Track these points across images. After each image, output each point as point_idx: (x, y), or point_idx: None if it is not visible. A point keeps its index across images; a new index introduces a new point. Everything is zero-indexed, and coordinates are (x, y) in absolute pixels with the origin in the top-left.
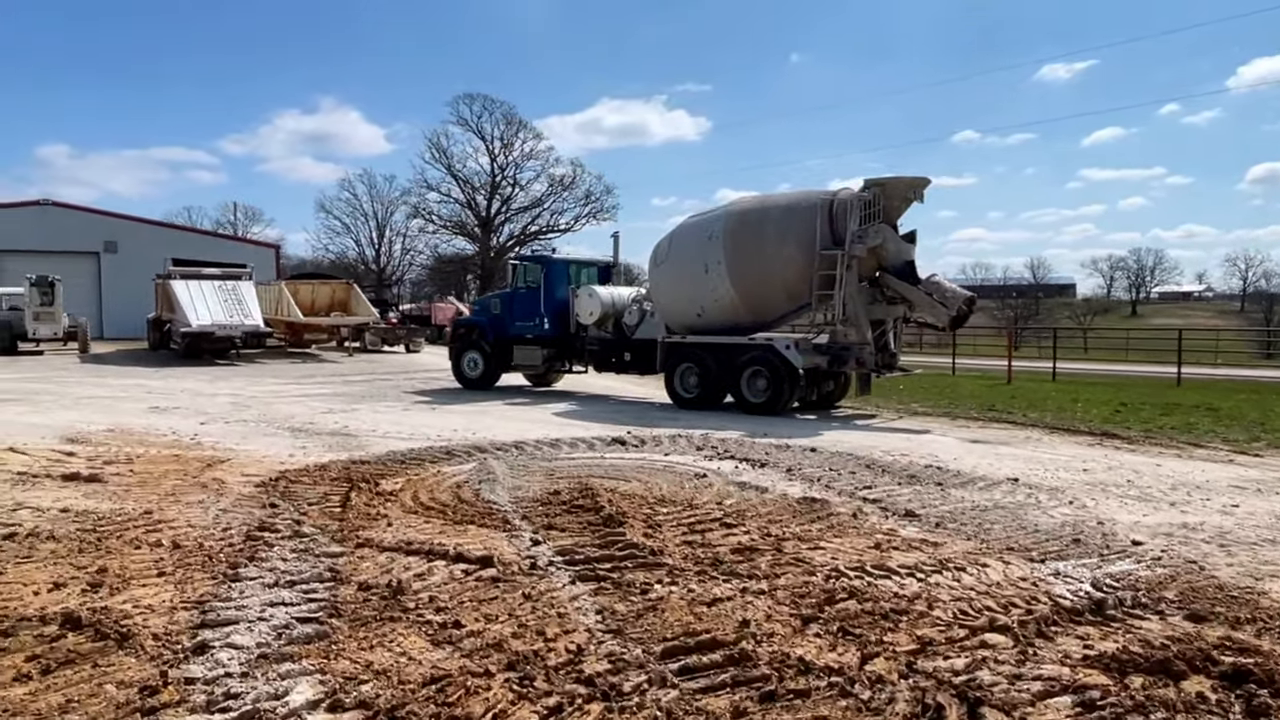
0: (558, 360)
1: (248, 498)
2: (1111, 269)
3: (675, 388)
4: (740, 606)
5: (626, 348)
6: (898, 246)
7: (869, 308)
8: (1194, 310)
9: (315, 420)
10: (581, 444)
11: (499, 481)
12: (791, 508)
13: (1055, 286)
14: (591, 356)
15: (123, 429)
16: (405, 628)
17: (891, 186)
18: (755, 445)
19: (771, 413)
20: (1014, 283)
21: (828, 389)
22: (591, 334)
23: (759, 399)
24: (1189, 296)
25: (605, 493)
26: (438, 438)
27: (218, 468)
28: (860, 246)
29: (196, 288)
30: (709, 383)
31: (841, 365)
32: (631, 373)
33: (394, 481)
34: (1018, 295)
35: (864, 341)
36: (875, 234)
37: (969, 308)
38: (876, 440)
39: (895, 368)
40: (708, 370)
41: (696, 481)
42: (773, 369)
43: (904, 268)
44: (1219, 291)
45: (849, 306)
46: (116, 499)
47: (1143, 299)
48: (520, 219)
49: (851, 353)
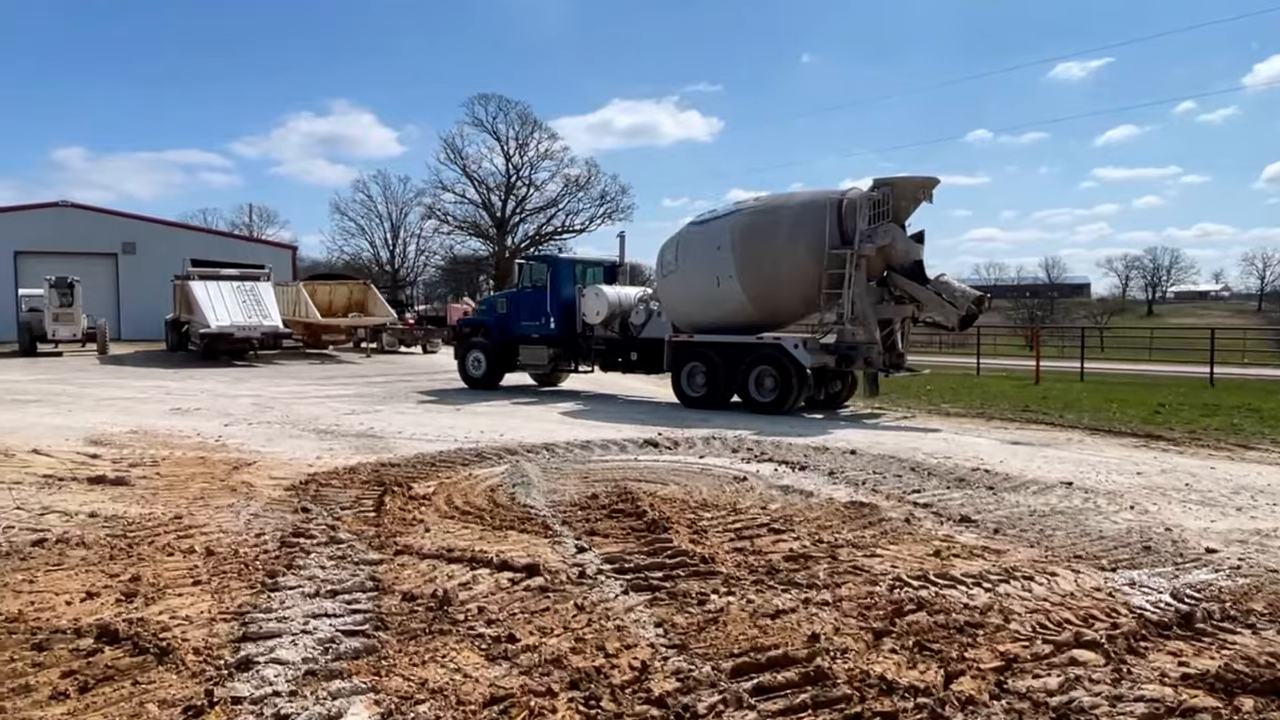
0: (564, 360)
1: (278, 502)
2: (1127, 268)
3: (682, 387)
4: (806, 619)
5: (633, 347)
6: (906, 246)
7: (877, 307)
8: (1211, 310)
9: (339, 422)
10: (613, 446)
11: (534, 485)
12: (840, 512)
13: (1070, 286)
14: (598, 356)
15: (146, 431)
16: (457, 641)
17: (901, 186)
18: (793, 447)
19: (778, 412)
20: (1028, 282)
21: (835, 389)
22: (598, 333)
23: (766, 398)
24: (1205, 296)
25: (645, 497)
26: (465, 439)
27: (245, 470)
28: (869, 246)
29: (215, 289)
30: (716, 382)
31: (849, 365)
32: (638, 372)
33: (426, 485)
34: (1031, 295)
35: (872, 341)
36: (884, 233)
37: (978, 307)
38: (898, 440)
39: (903, 367)
40: (715, 369)
41: (737, 485)
42: (780, 368)
43: (913, 267)
44: (1236, 291)
45: (857, 306)
46: (145, 503)
47: (1158, 298)
48: (535, 219)
49: (859, 352)
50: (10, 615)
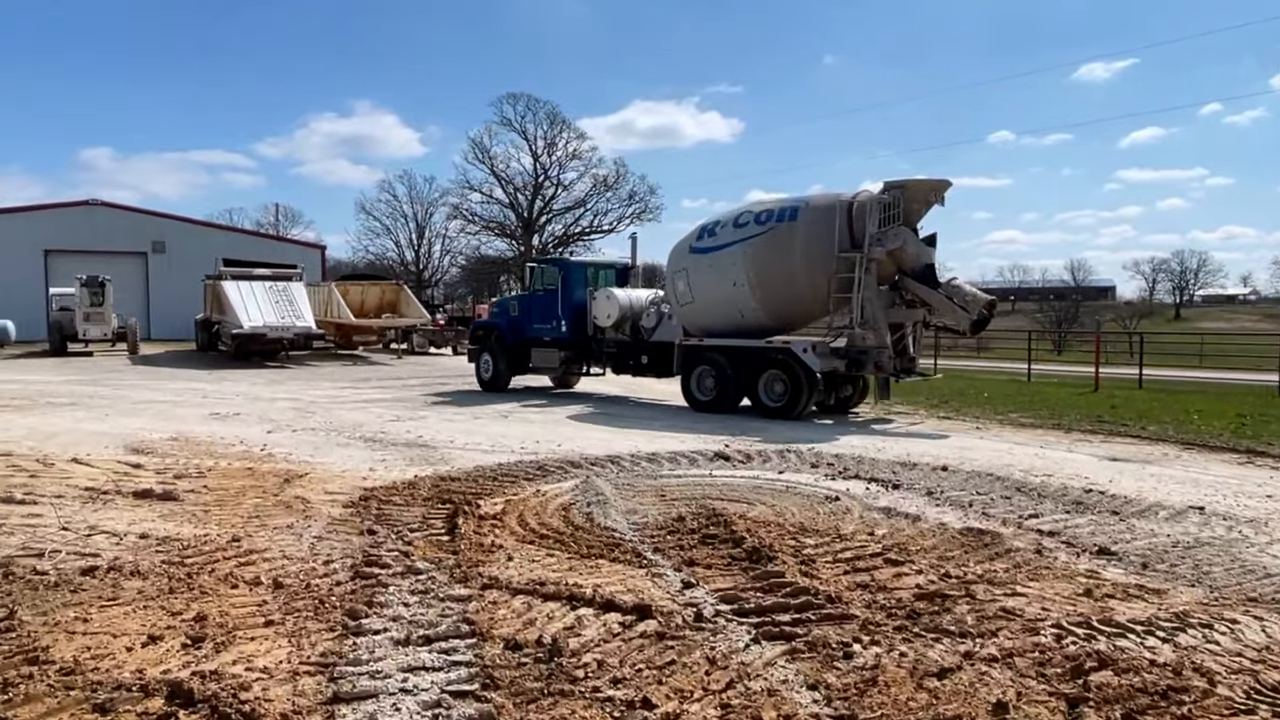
0: (575, 363)
1: (340, 521)
2: (1154, 271)
3: (691, 390)
4: (977, 679)
5: (644, 350)
6: (917, 249)
7: (888, 311)
8: (1239, 314)
9: (385, 429)
10: (682, 459)
11: (610, 504)
12: (958, 541)
13: (1095, 289)
14: (609, 359)
15: (187, 437)
16: (584, 708)
17: (912, 189)
18: (878, 463)
19: (788, 416)
20: (1053, 285)
21: (845, 393)
22: (609, 336)
23: (776, 403)
24: (1233, 300)
25: (739, 520)
26: (521, 450)
27: (296, 483)
28: (879, 249)
29: (248, 289)
30: (725, 386)
31: (860, 369)
32: (649, 375)
33: (493, 502)
34: (1056, 298)
35: (882, 345)
36: (894, 236)
37: (990, 311)
38: (986, 455)
39: (914, 372)
40: (724, 373)
41: (830, 506)
42: (790, 372)
43: (924, 271)
44: (1264, 295)
45: (867, 309)
46: (197, 521)
47: (1185, 302)
48: (563, 220)
49: (870, 356)
50: (66, 665)
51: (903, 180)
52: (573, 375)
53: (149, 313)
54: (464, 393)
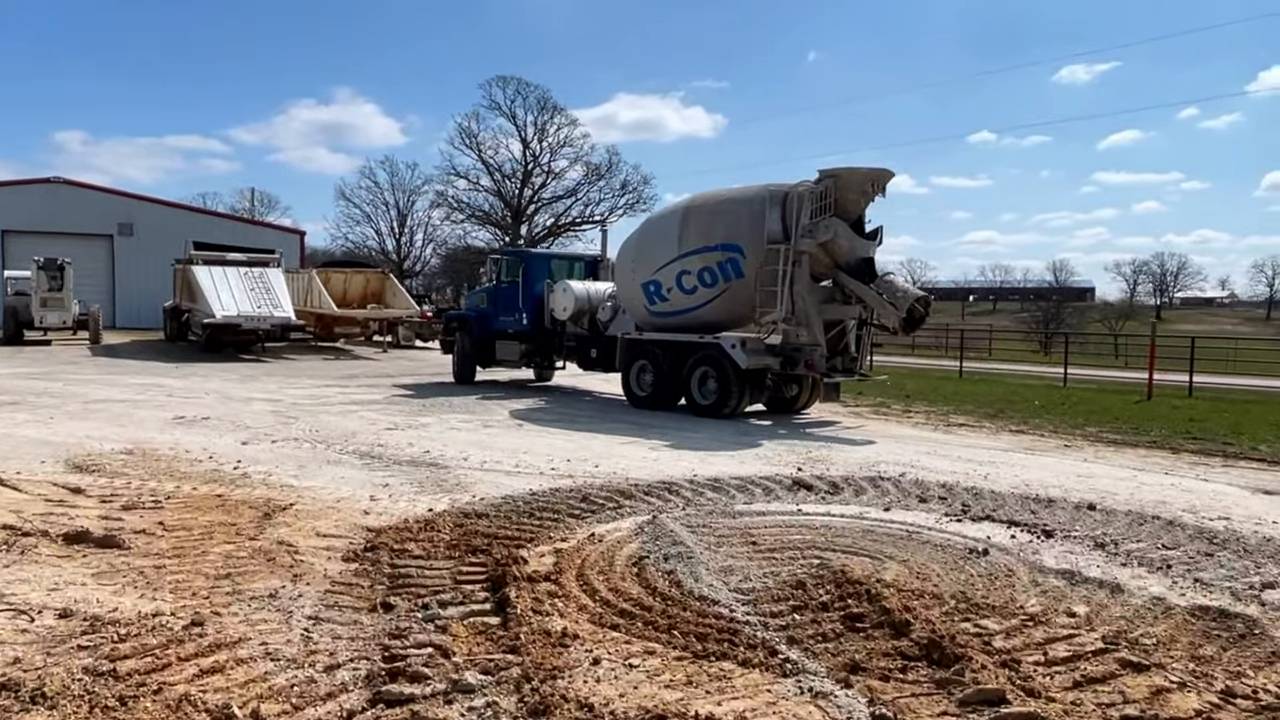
0: (536, 356)
1: (342, 584)
2: (1135, 273)
3: (631, 385)
4: None
5: (596, 344)
6: (851, 242)
7: (823, 307)
8: (1219, 316)
9: (382, 440)
10: (755, 487)
11: (697, 559)
12: (1197, 627)
13: (1074, 290)
14: (570, 353)
15: (144, 449)
16: None
17: (846, 178)
18: (1003, 499)
19: (717, 415)
20: (1034, 285)
21: (791, 393)
22: (569, 330)
23: (708, 400)
24: (1211, 302)
25: (882, 589)
26: (552, 471)
27: (280, 520)
28: (808, 241)
29: (221, 275)
30: (662, 381)
31: (792, 367)
32: (599, 369)
33: (539, 554)
34: (1037, 298)
35: (815, 343)
36: (825, 228)
37: (924, 309)
38: (1036, 474)
39: (855, 372)
40: (661, 369)
41: (983, 565)
42: (721, 369)
43: (859, 265)
44: (1242, 298)
45: (798, 305)
46: (145, 586)
47: (1164, 304)
48: (553, 209)
49: (803, 354)
50: None
51: (836, 169)
52: (547, 369)
53: (114, 299)
54: (465, 394)
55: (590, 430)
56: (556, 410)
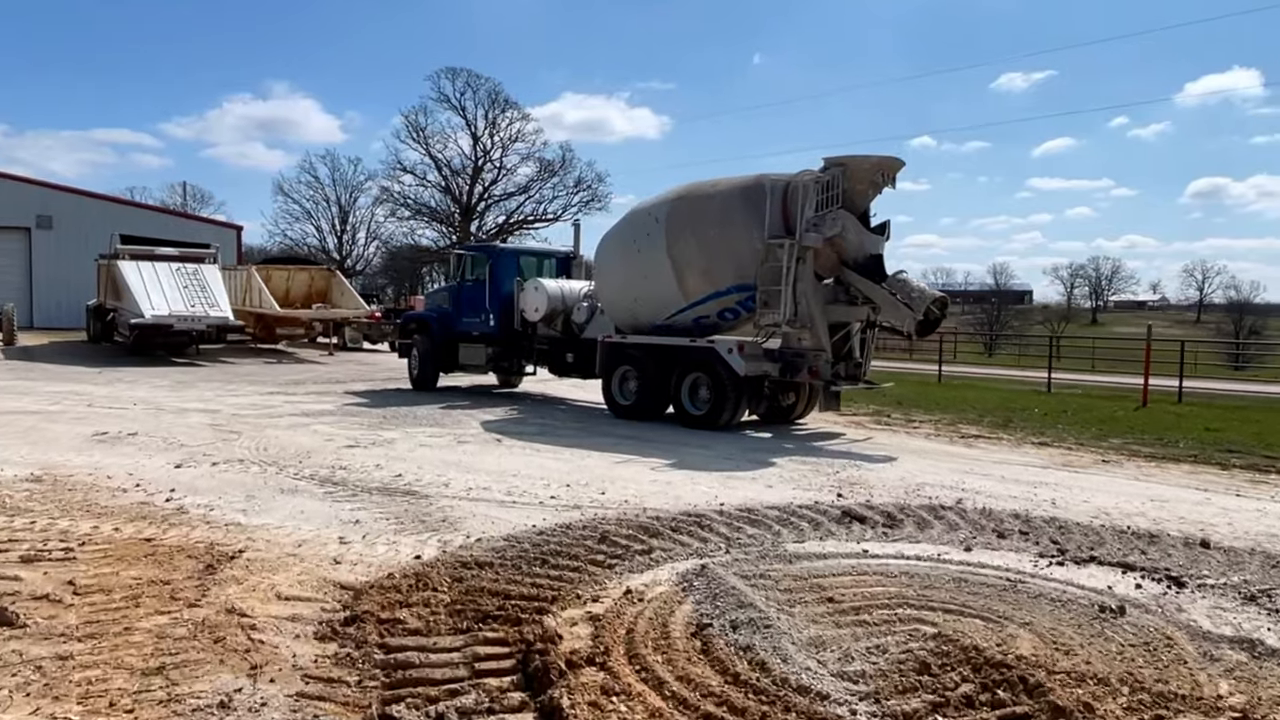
0: (504, 360)
1: (319, 685)
2: (1072, 276)
3: (612, 393)
4: None
5: (571, 348)
6: (860, 237)
7: (828, 308)
8: (1152, 319)
9: (344, 460)
10: (799, 520)
11: (774, 626)
12: None
13: (1013, 293)
14: (542, 357)
15: (56, 474)
16: None
17: (855, 167)
18: (1101, 537)
19: (711, 427)
20: (974, 289)
21: (788, 401)
22: (540, 332)
23: (700, 409)
24: (1143, 305)
25: (1037, 675)
26: (551, 499)
27: (227, 573)
28: (814, 236)
29: (150, 271)
30: (648, 389)
31: (793, 374)
32: (574, 375)
33: (569, 621)
34: (976, 300)
35: (819, 348)
36: (832, 222)
37: (940, 310)
38: (1103, 500)
39: (860, 380)
40: (647, 375)
41: (1129, 630)
42: (715, 376)
43: (868, 262)
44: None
45: (801, 306)
46: (39, 693)
47: (1099, 307)
48: (504, 206)
49: (805, 360)
50: None
51: (844, 157)
52: (514, 374)
53: (31, 297)
54: (428, 403)
55: (578, 446)
56: (534, 422)
